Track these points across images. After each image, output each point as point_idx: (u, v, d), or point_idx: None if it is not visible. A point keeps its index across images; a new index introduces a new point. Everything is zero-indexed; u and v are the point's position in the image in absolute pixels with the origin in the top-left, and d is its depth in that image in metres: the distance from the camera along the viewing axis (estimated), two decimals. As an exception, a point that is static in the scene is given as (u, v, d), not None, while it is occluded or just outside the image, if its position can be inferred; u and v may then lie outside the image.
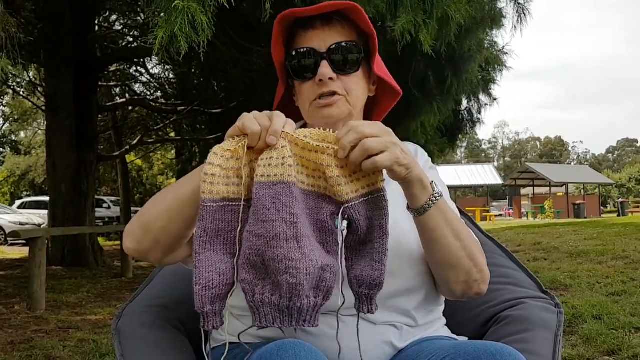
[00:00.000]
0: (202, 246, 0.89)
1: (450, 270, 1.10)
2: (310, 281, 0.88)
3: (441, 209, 1.06)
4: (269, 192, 0.89)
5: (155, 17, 2.40)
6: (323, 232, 0.94)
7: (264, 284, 0.89)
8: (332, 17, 1.18)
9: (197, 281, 0.88)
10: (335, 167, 0.92)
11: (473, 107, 11.74)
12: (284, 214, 0.87)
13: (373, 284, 0.94)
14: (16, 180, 34.46)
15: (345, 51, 1.17)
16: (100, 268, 9.69)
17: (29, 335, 4.43)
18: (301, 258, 0.87)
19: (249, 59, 7.71)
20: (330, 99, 1.16)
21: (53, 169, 9.75)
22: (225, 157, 0.91)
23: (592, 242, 9.22)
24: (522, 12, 5.89)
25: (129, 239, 1.08)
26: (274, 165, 0.90)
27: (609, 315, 4.05)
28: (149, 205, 1.08)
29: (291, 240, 0.87)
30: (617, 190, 52.14)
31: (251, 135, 0.92)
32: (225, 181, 0.91)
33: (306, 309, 0.89)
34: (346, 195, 0.93)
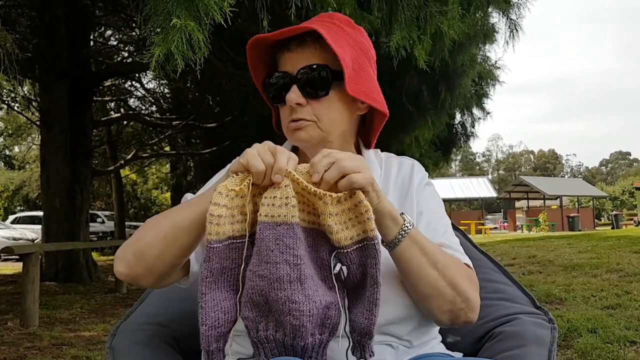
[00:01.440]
0: (207, 286, 0.89)
1: (432, 301, 1.07)
2: (314, 321, 0.89)
3: (414, 239, 1.03)
4: (272, 233, 0.88)
5: (152, 35, 2.42)
6: (323, 269, 0.94)
7: (267, 321, 0.90)
8: (305, 39, 1.13)
9: (203, 321, 0.88)
10: (329, 216, 0.91)
11: (467, 120, 11.83)
12: (287, 255, 0.87)
13: (363, 332, 0.93)
14: (10, 195, 34.29)
15: (313, 75, 1.12)
16: (94, 283, 9.62)
17: (22, 352, 4.39)
18: (304, 300, 0.87)
19: (244, 74, 7.74)
20: (299, 123, 1.14)
21: (47, 183, 9.72)
22: (230, 196, 0.90)
23: (587, 255, 9.24)
24: (514, 28, 5.94)
25: (120, 264, 1.04)
26: (277, 206, 0.89)
27: (604, 328, 4.05)
28: (143, 231, 1.05)
29: (294, 282, 0.87)
30: (610, 202, 52.30)
31: (256, 175, 0.91)
32: (230, 220, 0.91)
33: (311, 347, 0.89)
34: (338, 243, 0.92)
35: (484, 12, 5.89)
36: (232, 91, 9.58)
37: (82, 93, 10.04)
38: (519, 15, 5.93)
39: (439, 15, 3.81)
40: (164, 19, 2.34)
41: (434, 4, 3.82)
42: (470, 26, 5.00)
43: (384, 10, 3.69)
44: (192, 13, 2.34)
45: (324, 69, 1.13)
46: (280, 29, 1.15)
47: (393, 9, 3.68)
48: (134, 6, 3.48)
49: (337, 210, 0.92)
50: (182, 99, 12.53)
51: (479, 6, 4.90)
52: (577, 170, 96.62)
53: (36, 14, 9.71)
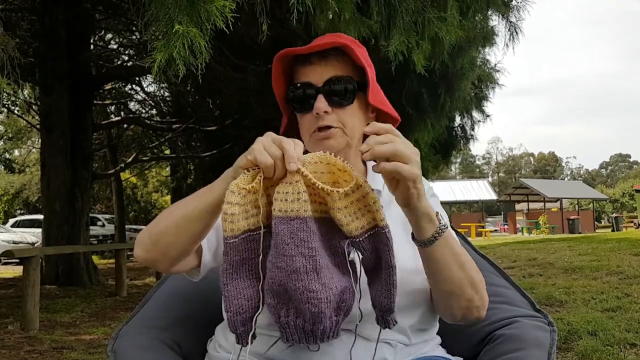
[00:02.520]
0: (229, 277, 0.95)
1: (453, 298, 1.13)
2: (332, 307, 0.95)
3: (446, 241, 1.08)
4: (287, 228, 0.93)
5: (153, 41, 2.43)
6: (337, 255, 0.99)
7: (288, 307, 0.96)
8: (328, 53, 1.23)
9: (228, 308, 0.95)
10: (337, 210, 0.95)
11: (466, 123, 11.84)
12: (302, 248, 0.92)
13: (384, 309, 0.99)
14: (10, 198, 34.30)
15: (340, 85, 1.21)
16: (94, 287, 9.62)
17: (22, 355, 4.39)
18: (321, 289, 0.92)
19: (244, 78, 7.78)
20: (328, 132, 1.20)
21: (47, 187, 9.72)
22: (242, 194, 0.94)
23: (587, 257, 9.23)
24: (514, 30, 5.96)
25: (139, 247, 1.13)
26: (290, 201, 0.93)
27: (604, 331, 4.04)
28: (159, 219, 1.13)
29: (311, 273, 0.92)
30: (610, 205, 52.31)
31: (265, 169, 0.95)
32: (244, 216, 0.95)
33: (329, 329, 0.96)
34: (349, 234, 0.97)
35: (484, 15, 5.91)
36: (232, 94, 9.59)
37: (82, 96, 10.05)
38: (519, 17, 5.94)
39: (437, 21, 3.83)
40: (166, 25, 2.35)
41: (432, 10, 3.84)
42: (470, 29, 5.01)
43: (382, 15, 3.71)
44: (194, 19, 2.35)
45: (351, 80, 1.22)
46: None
47: (392, 14, 3.70)
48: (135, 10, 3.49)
49: (345, 204, 0.96)
50: (183, 103, 12.54)
51: (478, 9, 4.91)
52: (577, 172, 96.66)
53: (36, 17, 9.74)
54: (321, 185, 0.95)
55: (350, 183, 0.95)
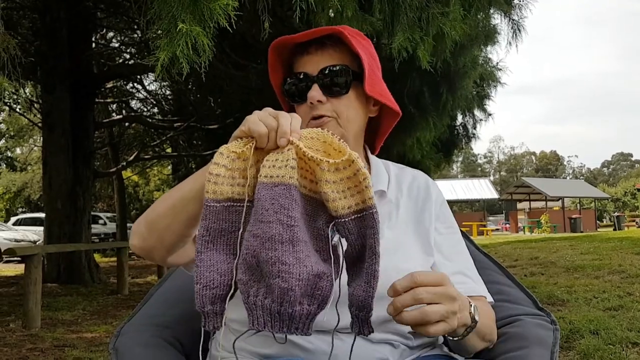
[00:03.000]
0: (204, 245, 0.89)
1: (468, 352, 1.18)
2: (304, 287, 0.86)
3: (476, 331, 1.07)
4: (269, 193, 0.88)
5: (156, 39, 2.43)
6: (319, 240, 0.92)
7: (258, 286, 0.87)
8: (325, 43, 1.21)
9: (198, 280, 0.87)
10: (325, 183, 0.90)
11: (468, 122, 11.81)
12: (281, 215, 0.86)
13: (361, 305, 0.91)
14: (12, 196, 34.35)
15: (334, 74, 1.19)
16: (96, 285, 9.64)
17: (24, 353, 4.40)
18: (295, 263, 0.85)
19: (245, 76, 7.77)
20: (320, 121, 1.18)
21: (49, 185, 9.74)
22: (231, 157, 0.91)
23: (589, 256, 9.23)
24: (516, 28, 5.94)
25: (135, 237, 1.11)
26: (277, 167, 0.90)
27: (606, 330, 4.04)
28: (155, 205, 1.11)
29: (286, 244, 0.85)
30: (612, 204, 52.24)
31: (259, 138, 0.92)
32: (230, 182, 0.91)
33: (298, 317, 0.87)
34: (335, 212, 0.91)
35: (486, 14, 5.89)
36: (233, 93, 9.59)
37: (84, 95, 10.06)
38: (521, 16, 5.92)
39: (441, 17, 3.81)
40: (169, 23, 2.35)
41: (436, 6, 3.83)
42: (472, 27, 5.00)
43: (385, 12, 3.70)
44: (197, 17, 2.34)
45: (346, 69, 1.20)
46: (282, 31, 1.21)
47: (395, 10, 3.69)
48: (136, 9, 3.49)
49: (334, 178, 0.90)
50: (184, 101, 12.54)
51: (481, 7, 4.89)
52: (579, 171, 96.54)
53: (38, 16, 9.74)
54: (311, 154, 0.90)
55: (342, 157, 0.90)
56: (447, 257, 1.24)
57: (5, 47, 3.12)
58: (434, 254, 1.24)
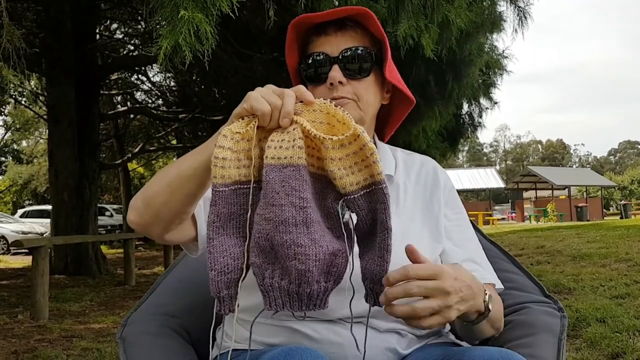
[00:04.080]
0: (215, 231, 0.87)
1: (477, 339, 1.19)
2: (320, 267, 0.86)
3: (489, 318, 1.06)
4: (278, 175, 0.86)
5: (159, 28, 2.41)
6: (330, 217, 0.91)
7: (273, 268, 0.87)
8: (345, 23, 1.19)
9: (212, 266, 0.86)
10: (331, 161, 0.89)
11: (474, 111, 11.74)
12: (293, 198, 0.85)
13: (375, 279, 0.91)
14: (18, 189, 34.53)
15: (356, 56, 1.17)
16: (103, 276, 9.69)
17: (32, 344, 4.43)
18: (310, 244, 0.84)
19: (250, 66, 7.74)
20: (341, 101, 1.15)
21: (55, 177, 9.77)
22: (235, 139, 0.89)
23: (595, 244, 9.21)
24: (522, 16, 5.89)
25: (132, 212, 1.08)
26: (284, 148, 0.87)
27: (613, 318, 4.03)
28: (152, 180, 1.09)
29: (300, 226, 0.84)
30: (619, 192, 52.01)
31: (262, 117, 0.89)
32: (236, 164, 0.89)
33: (316, 294, 0.87)
34: (344, 189, 0.90)
35: (491, 1, 5.84)
36: (238, 84, 9.55)
37: (88, 87, 10.06)
38: (527, 3, 5.87)
39: (446, 4, 3.78)
40: (171, 11, 2.33)
41: (441, -8, 3.79)
42: (478, 14, 4.95)
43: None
44: (199, 4, 2.33)
45: (369, 51, 1.18)
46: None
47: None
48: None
49: (340, 155, 0.89)
50: (188, 92, 12.53)
51: (486, -6, 4.85)
52: (586, 160, 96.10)
53: (42, 8, 9.73)
54: (314, 132, 0.89)
55: (347, 133, 0.88)
56: (457, 244, 1.23)
57: (10, 39, 3.11)
58: (444, 241, 1.22)
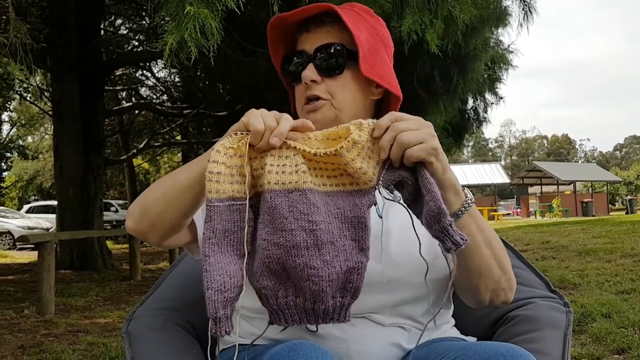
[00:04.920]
0: (211, 248, 0.87)
1: (480, 279, 1.09)
2: (334, 286, 0.88)
3: (473, 216, 1.04)
4: (285, 200, 0.88)
5: (164, 23, 2.41)
6: (359, 228, 0.92)
7: (286, 287, 0.89)
8: (324, 20, 1.16)
9: (209, 285, 0.85)
10: (353, 161, 0.91)
11: (479, 106, 11.68)
12: (302, 222, 0.87)
13: (435, 215, 0.90)
14: (24, 185, 34.67)
15: (328, 53, 1.15)
16: (108, 271, 9.72)
17: (39, 339, 4.45)
18: (322, 266, 0.86)
19: (254, 62, 7.74)
20: (315, 104, 1.15)
21: (60, 173, 9.80)
22: (228, 154, 0.90)
23: (601, 240, 9.19)
24: (528, 10, 5.86)
25: (129, 219, 1.09)
26: (287, 173, 0.89)
27: (619, 313, 4.03)
28: (150, 190, 1.09)
29: (312, 248, 0.86)
30: (625, 187, 51.83)
31: (254, 133, 0.90)
32: (230, 179, 0.89)
33: (332, 309, 0.90)
34: (374, 176, 0.92)
35: (497, -5, 5.82)
36: (242, 79, 9.57)
37: (93, 82, 10.07)
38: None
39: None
40: (177, 7, 2.33)
41: (446, -12, 3.77)
42: (483, 8, 4.93)
43: (395, -7, 3.64)
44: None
45: (340, 48, 1.15)
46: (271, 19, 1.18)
47: (405, -8, 3.63)
48: (144, -6, 3.47)
49: (357, 151, 0.91)
50: (193, 88, 12.54)
51: (491, -12, 4.83)
52: (591, 155, 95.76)
53: (46, 3, 9.74)
54: (323, 151, 0.91)
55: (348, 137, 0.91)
56: None
57: (17, 33, 3.12)
58: None
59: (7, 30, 3.16)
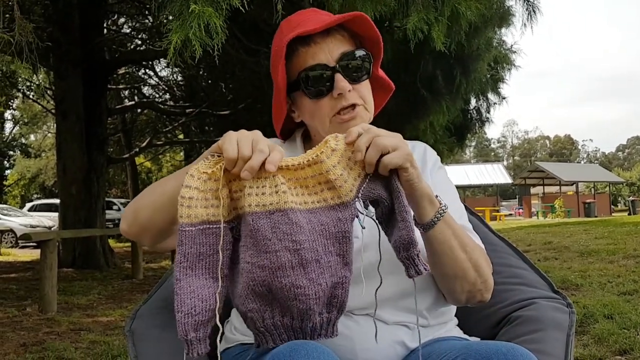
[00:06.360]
0: (182, 272, 0.87)
1: (456, 282, 1.11)
2: (321, 303, 0.89)
3: (448, 222, 1.06)
4: (267, 222, 0.87)
5: (168, 22, 2.41)
6: (343, 243, 0.93)
7: (272, 308, 0.89)
8: (330, 29, 1.16)
9: (179, 308, 0.85)
10: (334, 168, 0.92)
11: (482, 106, 11.67)
12: (286, 242, 0.87)
13: (405, 244, 0.92)
14: (26, 183, 34.74)
15: (355, 60, 1.16)
16: (110, 270, 9.74)
17: (41, 337, 4.46)
18: (309, 284, 0.87)
19: (257, 61, 7.73)
20: (353, 113, 1.16)
21: (63, 171, 9.82)
22: (202, 179, 0.89)
23: (603, 241, 9.17)
24: (531, 10, 5.85)
25: (123, 221, 1.12)
26: (267, 194, 0.89)
27: (621, 314, 4.02)
28: (142, 195, 1.12)
29: (297, 268, 0.86)
30: (627, 188, 51.74)
31: (227, 160, 0.89)
32: (203, 204, 0.89)
33: (319, 326, 0.91)
34: (354, 187, 0.93)
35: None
36: (245, 78, 9.56)
37: (96, 81, 10.09)
38: (536, -4, 5.83)
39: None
40: (181, 5, 2.33)
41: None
42: (487, 8, 4.92)
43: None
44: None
45: (364, 53, 1.18)
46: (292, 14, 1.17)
47: (410, -11, 3.61)
48: (147, -7, 3.47)
49: (337, 159, 0.93)
50: (195, 87, 12.55)
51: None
52: (594, 155, 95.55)
53: (50, 2, 9.75)
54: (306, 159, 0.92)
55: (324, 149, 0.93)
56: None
57: (22, 32, 3.13)
58: None
59: (12, 29, 3.16)
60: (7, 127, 30.85)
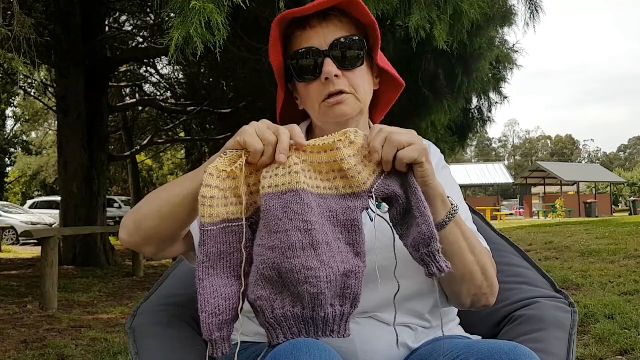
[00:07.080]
0: (205, 272, 0.86)
1: (463, 284, 1.09)
2: (333, 289, 0.86)
3: (458, 224, 1.04)
4: (279, 202, 0.86)
5: (170, 19, 2.40)
6: (352, 232, 0.91)
7: (282, 297, 0.86)
8: (328, 13, 1.14)
9: (203, 308, 0.85)
10: (349, 158, 0.91)
11: (483, 105, 11.65)
12: (297, 222, 0.85)
13: (426, 239, 0.89)
14: (27, 180, 34.76)
15: (347, 46, 1.13)
16: (111, 267, 9.74)
17: (42, 334, 4.47)
18: (320, 266, 0.84)
19: (258, 59, 7.72)
20: (340, 97, 1.13)
21: (64, 169, 9.82)
22: (221, 177, 0.89)
23: (604, 241, 9.16)
24: (534, 9, 5.83)
25: (123, 231, 1.08)
26: (280, 175, 0.88)
27: (622, 314, 4.01)
28: (143, 203, 1.08)
29: (308, 249, 0.84)
30: (628, 188, 51.70)
31: (253, 154, 0.89)
32: (223, 202, 0.88)
33: (332, 319, 0.87)
34: (368, 180, 0.92)
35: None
36: (246, 77, 9.56)
37: (97, 79, 10.08)
38: (539, -5, 5.82)
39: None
40: (182, 2, 2.32)
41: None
42: (489, 7, 4.90)
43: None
44: (210, -6, 2.31)
45: (360, 40, 1.14)
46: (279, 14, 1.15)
47: (412, -12, 3.60)
48: (149, -10, 3.47)
49: (353, 151, 0.92)
50: (197, 85, 12.54)
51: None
52: (595, 155, 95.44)
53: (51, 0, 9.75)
54: (322, 142, 0.92)
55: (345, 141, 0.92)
56: None
57: (21, 28, 3.12)
58: None
59: (11, 24, 3.16)
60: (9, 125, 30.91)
